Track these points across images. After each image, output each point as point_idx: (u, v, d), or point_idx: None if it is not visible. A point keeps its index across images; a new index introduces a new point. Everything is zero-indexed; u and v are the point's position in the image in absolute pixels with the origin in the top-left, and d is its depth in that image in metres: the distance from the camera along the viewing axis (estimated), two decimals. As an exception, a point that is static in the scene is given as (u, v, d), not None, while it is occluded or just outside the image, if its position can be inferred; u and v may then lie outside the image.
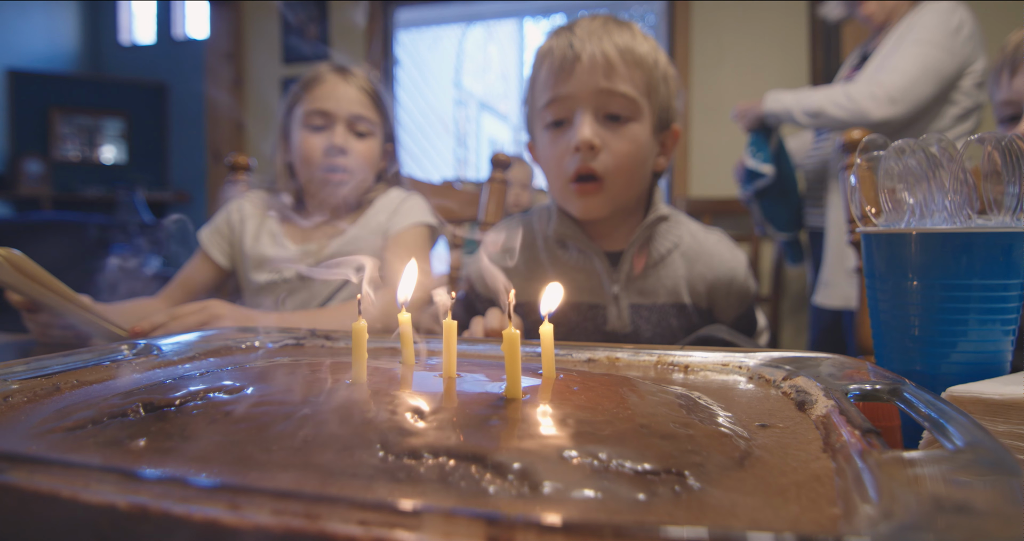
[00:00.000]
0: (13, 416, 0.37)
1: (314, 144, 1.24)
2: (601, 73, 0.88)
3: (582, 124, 0.87)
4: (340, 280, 1.25)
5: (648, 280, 0.95)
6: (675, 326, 0.94)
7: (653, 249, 0.96)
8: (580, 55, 0.88)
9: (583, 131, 0.87)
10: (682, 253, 0.97)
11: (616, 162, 0.89)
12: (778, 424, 0.37)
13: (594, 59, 0.88)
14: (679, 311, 0.95)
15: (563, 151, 0.90)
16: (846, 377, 0.43)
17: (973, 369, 0.52)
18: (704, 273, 0.96)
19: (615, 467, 0.28)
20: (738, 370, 0.50)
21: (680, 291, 0.95)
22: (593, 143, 0.87)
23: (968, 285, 0.51)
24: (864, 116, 1.75)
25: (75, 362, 0.47)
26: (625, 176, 0.90)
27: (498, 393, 0.36)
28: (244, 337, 0.59)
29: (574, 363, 0.53)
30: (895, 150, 0.56)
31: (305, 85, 1.28)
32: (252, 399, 0.35)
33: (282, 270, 1.25)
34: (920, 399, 0.37)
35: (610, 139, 0.89)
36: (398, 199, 1.31)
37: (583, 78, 0.88)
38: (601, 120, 0.89)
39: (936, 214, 0.55)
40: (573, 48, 0.88)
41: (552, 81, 0.90)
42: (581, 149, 0.87)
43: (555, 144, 0.92)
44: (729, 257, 0.98)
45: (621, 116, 0.89)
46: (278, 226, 1.31)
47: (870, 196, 0.62)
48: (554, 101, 0.90)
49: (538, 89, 0.94)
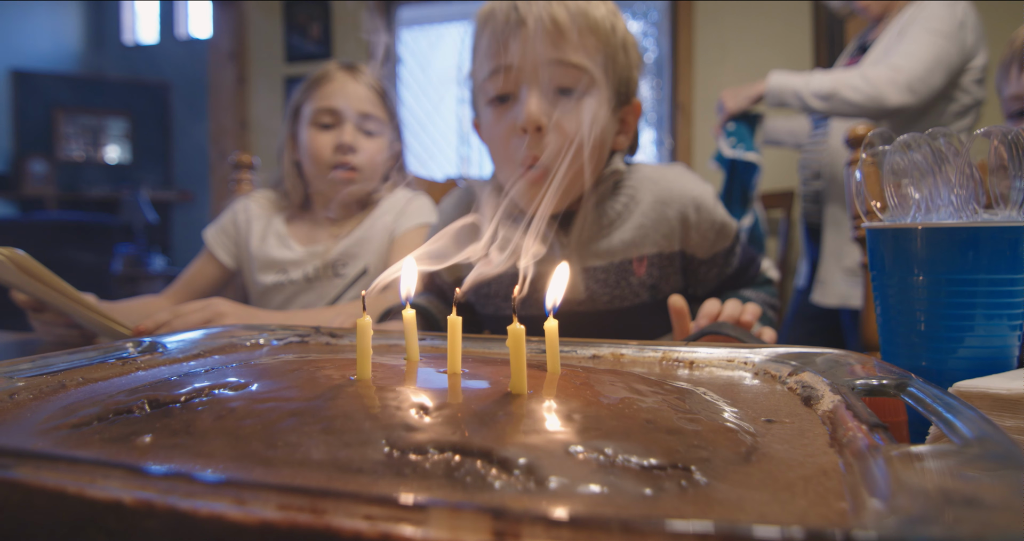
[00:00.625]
0: (19, 413, 0.37)
1: (323, 142, 1.24)
2: (549, 40, 0.77)
3: (528, 100, 0.77)
4: (346, 281, 1.25)
5: (604, 240, 0.86)
6: (635, 283, 0.86)
7: (608, 208, 0.87)
8: (525, 19, 0.77)
9: (529, 108, 0.77)
10: (639, 200, 0.88)
11: (565, 142, 0.78)
12: (784, 419, 0.37)
13: (541, 23, 0.77)
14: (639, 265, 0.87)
15: (508, 130, 0.80)
16: (852, 372, 0.43)
17: (980, 364, 0.52)
18: (666, 211, 0.87)
19: (621, 462, 0.28)
20: (743, 366, 0.49)
21: (642, 241, 0.86)
22: (540, 122, 0.77)
23: (975, 280, 0.51)
24: (882, 101, 1.68)
25: (80, 360, 0.47)
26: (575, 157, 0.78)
27: (503, 389, 0.36)
28: (249, 334, 0.59)
29: (578, 359, 0.53)
30: (901, 144, 0.55)
31: (313, 83, 1.28)
32: (257, 395, 0.35)
33: (289, 271, 1.26)
34: (927, 394, 0.36)
35: (561, 117, 0.78)
36: (404, 200, 1.32)
37: (529, 46, 0.77)
38: (550, 95, 0.79)
39: (942, 209, 0.55)
40: (518, 11, 0.78)
41: (494, 49, 0.80)
42: (527, 129, 0.77)
43: (499, 122, 0.81)
44: (692, 186, 0.89)
45: (573, 90, 0.79)
46: (284, 227, 1.31)
47: (875, 191, 0.62)
48: (496, 73, 0.80)
49: (479, 59, 0.83)
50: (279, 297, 1.27)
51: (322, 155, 1.24)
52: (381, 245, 1.27)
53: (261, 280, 1.27)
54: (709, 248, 0.89)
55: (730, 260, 0.91)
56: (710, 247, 0.89)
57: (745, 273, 0.94)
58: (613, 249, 0.86)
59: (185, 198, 6.67)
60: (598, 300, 0.86)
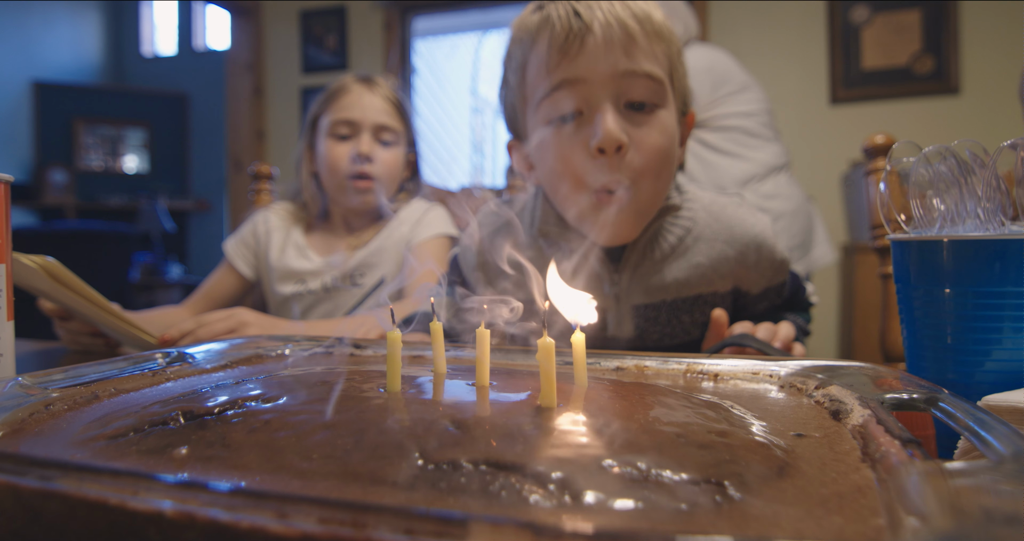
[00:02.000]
0: (55, 423, 0.38)
1: (340, 152, 1.26)
2: (620, 49, 0.69)
3: (604, 117, 0.69)
4: (364, 291, 1.26)
5: (656, 277, 0.80)
6: (687, 322, 0.82)
7: (662, 241, 0.80)
8: (591, 25, 0.69)
9: (607, 126, 0.68)
10: (697, 236, 0.82)
11: (647, 160, 0.71)
12: (814, 433, 0.37)
13: (610, 30, 0.69)
14: (693, 303, 0.81)
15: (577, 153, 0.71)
16: (880, 386, 0.42)
17: (1008, 378, 0.51)
18: (726, 251, 0.81)
19: (654, 477, 0.28)
20: (769, 379, 0.49)
21: (698, 282, 0.81)
22: (621, 141, 0.69)
23: (1002, 293, 0.51)
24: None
25: (111, 370, 0.48)
26: (654, 178, 0.73)
27: (532, 402, 0.36)
28: (274, 345, 0.59)
29: (603, 371, 0.53)
30: (926, 157, 0.55)
31: (331, 96, 1.30)
32: (290, 408, 0.35)
33: (307, 281, 1.27)
34: (958, 408, 0.36)
35: (637, 134, 0.70)
36: (420, 210, 1.33)
37: (598, 56, 0.69)
38: (622, 110, 0.71)
39: (968, 221, 0.54)
40: (580, 17, 0.69)
41: (556, 62, 0.71)
42: (606, 150, 0.69)
43: (563, 144, 0.72)
44: (753, 223, 0.83)
45: (647, 104, 0.72)
46: (303, 238, 1.32)
47: (899, 203, 0.61)
48: (559, 89, 0.71)
49: (532, 76, 0.74)
50: (298, 307, 1.28)
51: (339, 165, 1.26)
52: (398, 255, 1.28)
53: (280, 290, 1.29)
54: (764, 284, 0.85)
55: (781, 292, 0.88)
56: (765, 283, 0.85)
57: (791, 300, 0.92)
58: (666, 287, 0.80)
59: (202, 207, 6.73)
60: (647, 338, 0.81)
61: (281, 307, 1.30)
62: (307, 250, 1.31)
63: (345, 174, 1.26)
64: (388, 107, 1.29)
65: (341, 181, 1.26)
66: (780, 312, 0.92)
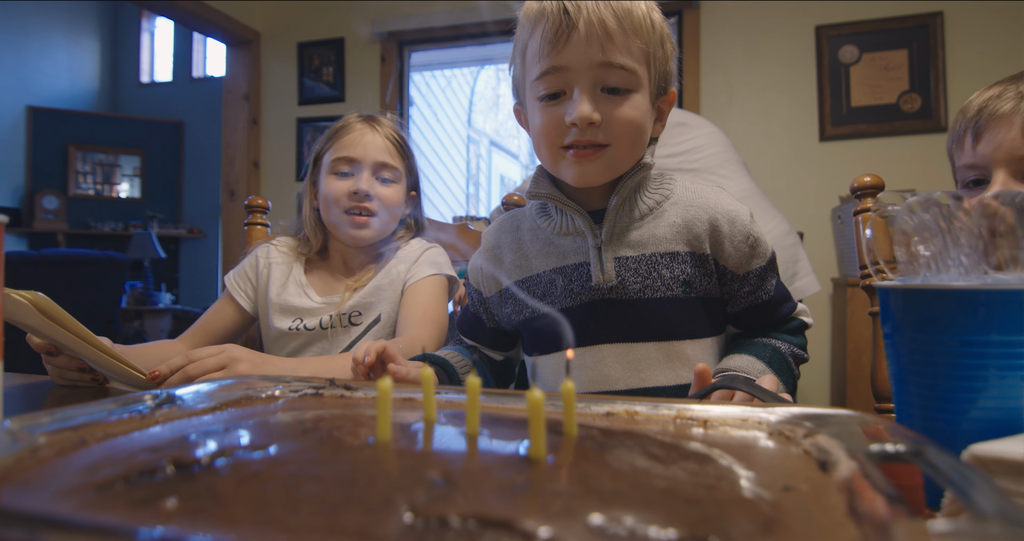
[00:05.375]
0: (42, 471, 0.38)
1: (340, 188, 1.27)
2: (598, 45, 0.82)
3: (580, 100, 0.83)
4: (360, 329, 1.26)
5: (636, 232, 0.91)
6: (667, 276, 0.89)
7: (640, 201, 0.92)
8: (576, 23, 0.82)
9: (582, 108, 0.83)
10: (674, 202, 0.93)
11: (620, 130, 0.85)
12: (801, 486, 0.37)
13: (591, 28, 0.82)
14: (671, 259, 0.90)
15: (557, 123, 0.86)
16: (868, 435, 0.43)
17: (995, 426, 0.52)
18: (699, 215, 0.91)
19: (642, 534, 0.29)
20: (758, 426, 0.50)
21: (674, 238, 0.90)
22: (593, 119, 0.83)
23: (986, 341, 0.51)
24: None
25: (99, 412, 0.48)
26: (627, 143, 0.86)
27: (522, 453, 0.36)
28: (264, 386, 0.59)
29: (592, 416, 0.53)
30: (909, 207, 0.56)
31: (334, 134, 1.32)
32: (279, 458, 0.35)
33: (305, 319, 1.27)
34: (944, 462, 0.36)
35: (610, 111, 0.84)
36: (419, 250, 1.34)
37: (579, 50, 0.82)
38: (599, 93, 0.85)
39: (952, 269, 0.55)
40: (568, 14, 0.82)
41: (546, 51, 0.84)
42: (580, 126, 0.83)
43: (549, 115, 0.87)
44: (728, 202, 0.93)
45: (620, 89, 0.85)
46: (304, 276, 1.33)
47: (885, 248, 0.62)
48: (548, 73, 0.85)
49: (529, 58, 0.89)
50: (293, 344, 1.28)
51: (338, 200, 1.27)
52: (394, 294, 1.29)
53: (277, 325, 1.28)
54: (744, 264, 0.92)
55: (764, 285, 0.93)
56: (745, 262, 0.92)
57: (779, 308, 0.95)
58: (644, 241, 0.90)
59: (194, 235, 6.73)
60: (629, 288, 0.89)
61: (276, 343, 1.29)
62: (308, 288, 1.31)
63: (343, 208, 1.27)
64: (389, 146, 1.31)
65: (339, 216, 1.28)
66: (771, 335, 0.93)
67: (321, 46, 4.13)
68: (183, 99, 7.01)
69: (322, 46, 4.12)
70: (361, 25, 4.03)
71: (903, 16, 3.20)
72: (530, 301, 0.94)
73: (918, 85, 3.15)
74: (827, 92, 3.29)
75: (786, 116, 3.32)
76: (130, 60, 7.26)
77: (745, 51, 3.40)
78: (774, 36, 3.38)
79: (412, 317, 1.21)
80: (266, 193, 4.21)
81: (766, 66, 3.38)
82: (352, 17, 4.02)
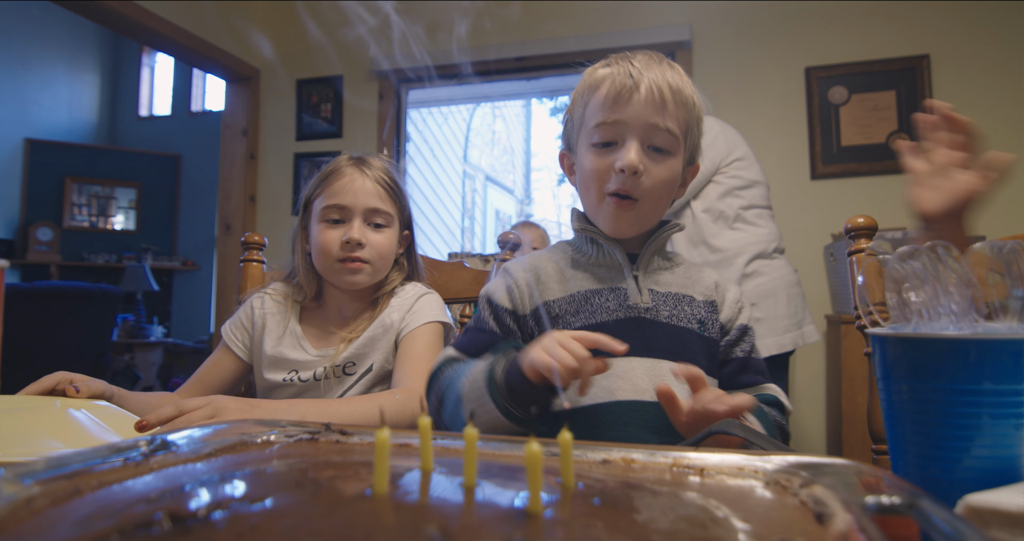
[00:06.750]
0: (36, 522, 0.37)
1: (331, 237, 1.26)
2: (653, 108, 0.95)
3: (630, 150, 0.95)
4: (353, 379, 1.25)
5: (663, 273, 1.05)
6: (688, 312, 1.02)
7: (664, 255, 1.07)
8: (639, 85, 0.95)
9: (631, 156, 0.94)
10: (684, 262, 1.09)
11: (653, 186, 0.97)
12: (797, 539, 0.37)
13: (651, 92, 0.95)
14: (690, 302, 1.03)
15: (606, 169, 0.97)
16: (864, 486, 0.43)
17: (989, 475, 0.52)
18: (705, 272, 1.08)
19: (640, 593, 0.29)
20: (754, 475, 0.50)
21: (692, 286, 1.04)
22: (638, 168, 0.94)
23: (978, 390, 0.52)
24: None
25: (93, 459, 0.47)
26: (654, 200, 0.99)
27: (519, 507, 0.36)
28: (259, 431, 0.59)
29: (589, 464, 0.53)
30: (900, 255, 0.57)
31: (324, 178, 1.31)
32: (276, 511, 0.35)
33: (300, 371, 1.26)
34: (938, 515, 0.37)
35: (651, 167, 0.96)
36: (413, 297, 1.32)
37: (638, 108, 0.95)
38: (646, 149, 0.97)
39: (943, 317, 0.56)
40: (633, 78, 0.96)
41: (609, 104, 0.97)
42: (626, 172, 0.95)
43: (598, 161, 0.99)
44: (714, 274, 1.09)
45: (663, 149, 0.97)
46: (299, 327, 1.31)
47: (877, 294, 0.63)
48: (606, 124, 0.97)
49: (591, 108, 1.00)
50: (285, 394, 1.26)
51: (330, 249, 1.26)
52: (388, 344, 1.27)
53: (270, 377, 1.27)
54: (732, 318, 1.06)
55: (746, 338, 1.05)
56: (734, 317, 1.06)
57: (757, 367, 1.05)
58: (669, 282, 1.05)
59: (188, 267, 6.73)
60: (661, 312, 1.00)
61: (269, 393, 1.28)
62: (303, 341, 1.30)
63: (335, 258, 1.26)
64: (380, 190, 1.30)
65: (332, 264, 1.27)
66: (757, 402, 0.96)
67: (320, 83, 4.18)
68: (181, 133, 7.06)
69: (321, 83, 4.18)
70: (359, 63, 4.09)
71: (891, 59, 3.28)
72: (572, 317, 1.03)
73: (906, 125, 3.21)
74: (818, 131, 3.35)
75: (778, 155, 3.37)
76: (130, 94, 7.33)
77: (737, 92, 3.46)
78: (765, 77, 3.44)
79: (409, 368, 1.20)
80: (262, 227, 4.22)
81: (758, 106, 3.44)
82: (351, 55, 4.09)
